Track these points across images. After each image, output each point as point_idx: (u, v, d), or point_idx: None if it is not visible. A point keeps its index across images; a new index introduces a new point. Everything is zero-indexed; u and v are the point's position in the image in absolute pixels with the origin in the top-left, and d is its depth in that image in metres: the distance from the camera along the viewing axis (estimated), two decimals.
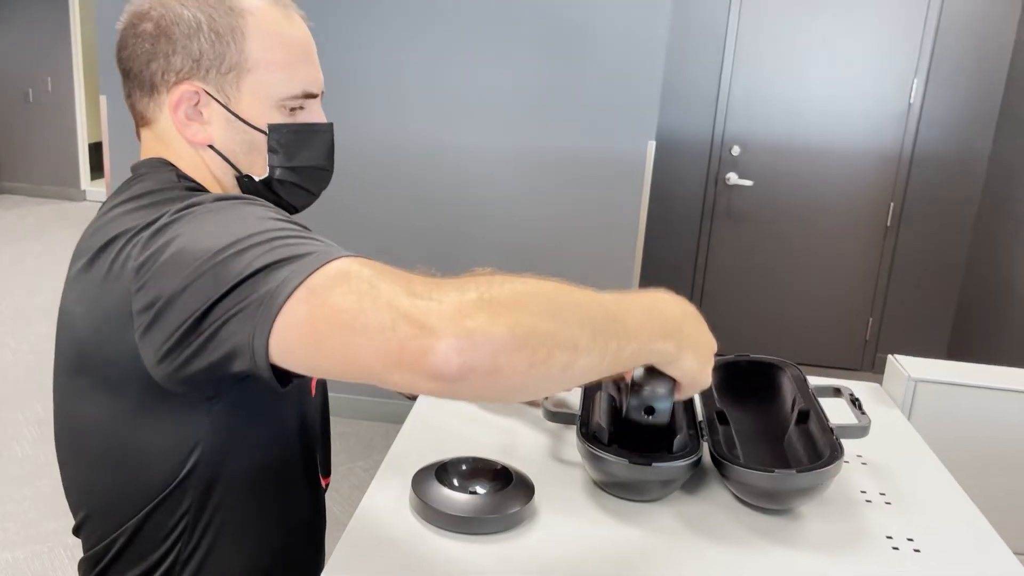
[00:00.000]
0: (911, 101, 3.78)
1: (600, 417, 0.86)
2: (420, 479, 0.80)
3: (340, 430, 3.10)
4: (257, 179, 0.86)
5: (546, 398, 0.94)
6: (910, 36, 3.73)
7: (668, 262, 4.09)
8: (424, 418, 0.97)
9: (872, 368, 4.07)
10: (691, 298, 4.09)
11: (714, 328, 0.79)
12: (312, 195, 0.92)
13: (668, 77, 3.76)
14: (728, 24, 3.83)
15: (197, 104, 0.83)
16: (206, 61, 0.81)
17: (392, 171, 2.97)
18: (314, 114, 0.88)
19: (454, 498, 0.77)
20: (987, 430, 1.12)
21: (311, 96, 0.87)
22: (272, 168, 0.86)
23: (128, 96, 0.87)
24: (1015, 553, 0.78)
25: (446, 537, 0.74)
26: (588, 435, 0.84)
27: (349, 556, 0.71)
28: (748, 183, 3.97)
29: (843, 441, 0.84)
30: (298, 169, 0.87)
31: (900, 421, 1.08)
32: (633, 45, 2.75)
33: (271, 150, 0.85)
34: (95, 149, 6.90)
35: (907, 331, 4.03)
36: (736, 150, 3.95)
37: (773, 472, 0.77)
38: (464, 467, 0.82)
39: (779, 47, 3.83)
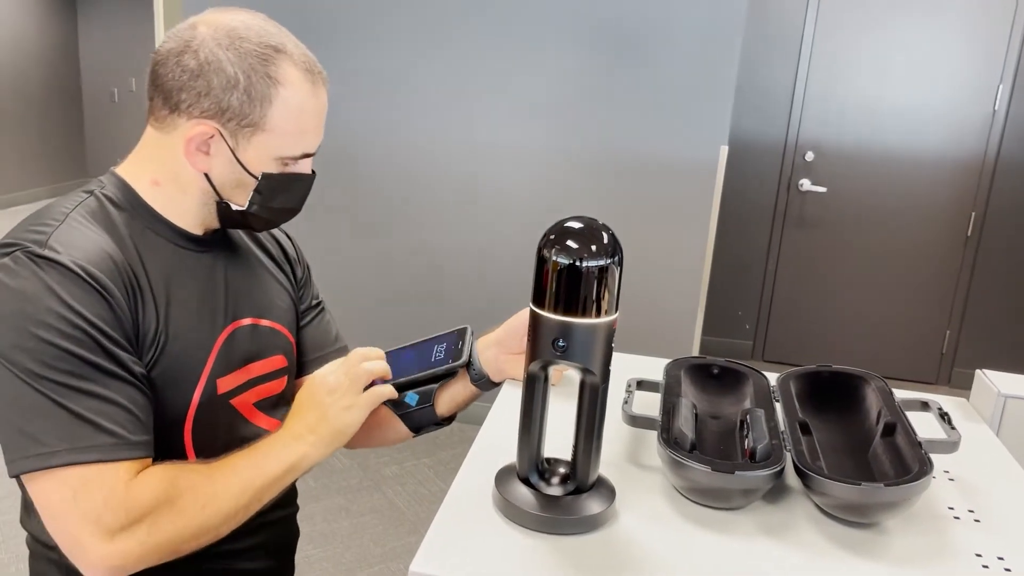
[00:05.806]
0: (995, 107, 3.65)
1: (682, 423, 0.86)
2: (503, 477, 0.82)
3: None
4: (234, 208, 0.98)
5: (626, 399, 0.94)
6: (996, 40, 3.60)
7: (738, 269, 4.04)
8: (505, 417, 0.99)
9: (948, 382, 3.95)
10: (760, 306, 4.03)
11: (785, 336, 0.78)
12: (273, 225, 1.04)
13: (742, 80, 3.71)
14: (805, 25, 3.76)
15: (210, 139, 0.92)
16: (231, 112, 0.91)
17: (456, 171, 2.99)
18: (304, 166, 1.00)
19: (537, 497, 0.78)
20: None
21: (308, 156, 0.98)
22: (251, 204, 0.97)
23: (150, 97, 0.95)
24: None
25: (528, 535, 0.76)
26: (670, 441, 0.84)
27: (436, 547, 0.73)
28: (821, 189, 3.89)
29: (931, 456, 0.82)
30: (272, 209, 0.99)
31: (989, 437, 1.05)
32: (707, 46, 2.72)
33: (257, 191, 0.96)
34: None
35: (987, 345, 3.89)
36: (810, 155, 3.87)
37: (860, 485, 0.76)
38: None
39: (857, 49, 3.74)
